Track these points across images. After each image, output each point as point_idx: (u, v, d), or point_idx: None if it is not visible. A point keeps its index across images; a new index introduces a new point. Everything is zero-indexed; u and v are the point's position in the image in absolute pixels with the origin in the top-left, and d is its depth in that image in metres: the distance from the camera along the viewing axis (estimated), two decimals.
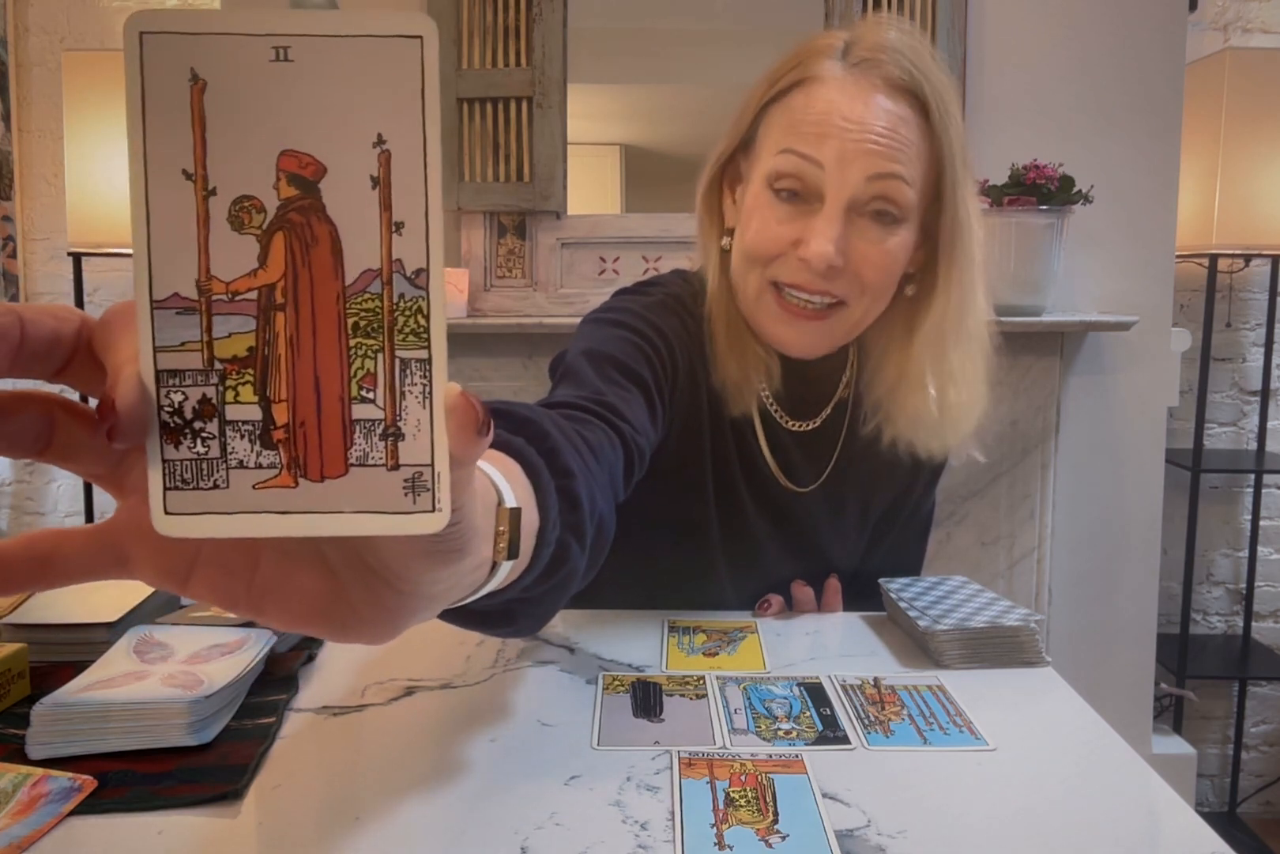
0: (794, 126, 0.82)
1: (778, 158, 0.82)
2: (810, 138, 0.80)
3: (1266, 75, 1.92)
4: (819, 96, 0.81)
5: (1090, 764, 0.64)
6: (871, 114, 0.79)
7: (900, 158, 0.80)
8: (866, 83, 0.80)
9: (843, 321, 0.85)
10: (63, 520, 2.38)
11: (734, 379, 0.88)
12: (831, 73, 0.81)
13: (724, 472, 0.93)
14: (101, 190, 1.95)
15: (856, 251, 0.81)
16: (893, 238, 0.82)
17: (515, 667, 0.79)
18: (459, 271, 1.77)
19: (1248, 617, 2.24)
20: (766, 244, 0.83)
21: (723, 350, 0.89)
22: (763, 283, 0.85)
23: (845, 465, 0.97)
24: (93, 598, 0.85)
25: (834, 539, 1.00)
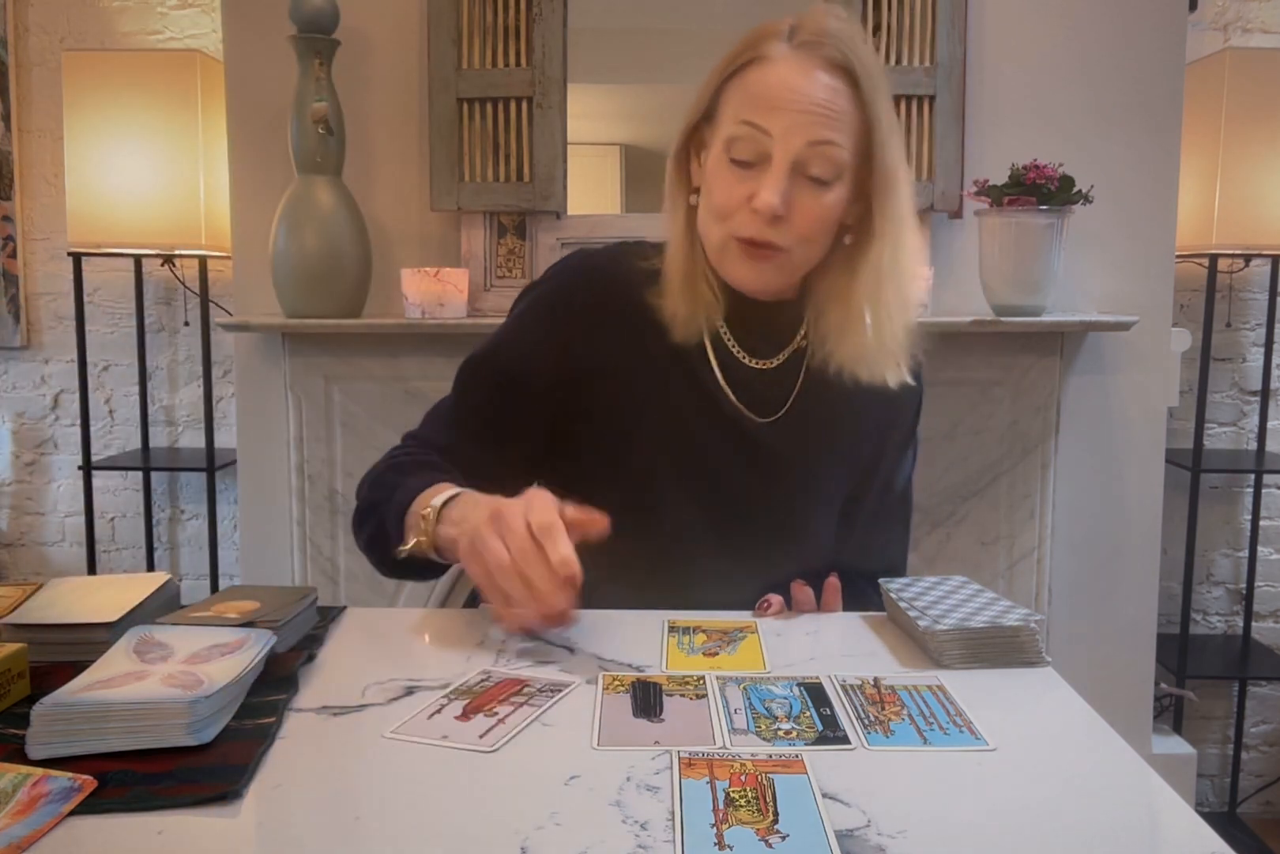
0: (748, 99, 0.96)
1: (736, 126, 0.96)
2: (762, 110, 0.94)
3: (1266, 75, 1.92)
4: (771, 72, 0.95)
5: (1090, 764, 0.64)
6: (812, 88, 0.94)
7: (835, 124, 0.94)
8: (808, 61, 0.95)
9: (787, 265, 1.00)
10: (63, 520, 2.38)
11: (682, 313, 1.02)
12: (780, 52, 0.96)
13: (669, 401, 1.04)
14: (101, 190, 1.95)
15: (796, 205, 0.95)
16: (828, 195, 0.96)
17: (515, 667, 0.79)
18: (459, 271, 1.77)
19: (1248, 617, 2.24)
20: (728, 201, 0.97)
21: (675, 289, 1.03)
22: (726, 235, 0.98)
23: (807, 402, 1.07)
24: (93, 598, 0.85)
25: (803, 484, 1.07)
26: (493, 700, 0.72)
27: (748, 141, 0.95)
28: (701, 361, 1.04)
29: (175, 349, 2.32)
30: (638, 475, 1.04)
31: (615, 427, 1.05)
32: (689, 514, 1.04)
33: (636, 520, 1.01)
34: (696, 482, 1.04)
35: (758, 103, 0.95)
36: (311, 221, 1.75)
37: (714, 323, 1.05)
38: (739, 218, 0.97)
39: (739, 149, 0.96)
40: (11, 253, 2.29)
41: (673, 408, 1.04)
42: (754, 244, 0.97)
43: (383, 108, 1.89)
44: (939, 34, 1.79)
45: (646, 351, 1.04)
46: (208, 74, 1.95)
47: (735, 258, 0.99)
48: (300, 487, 1.89)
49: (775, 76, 0.95)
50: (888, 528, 1.16)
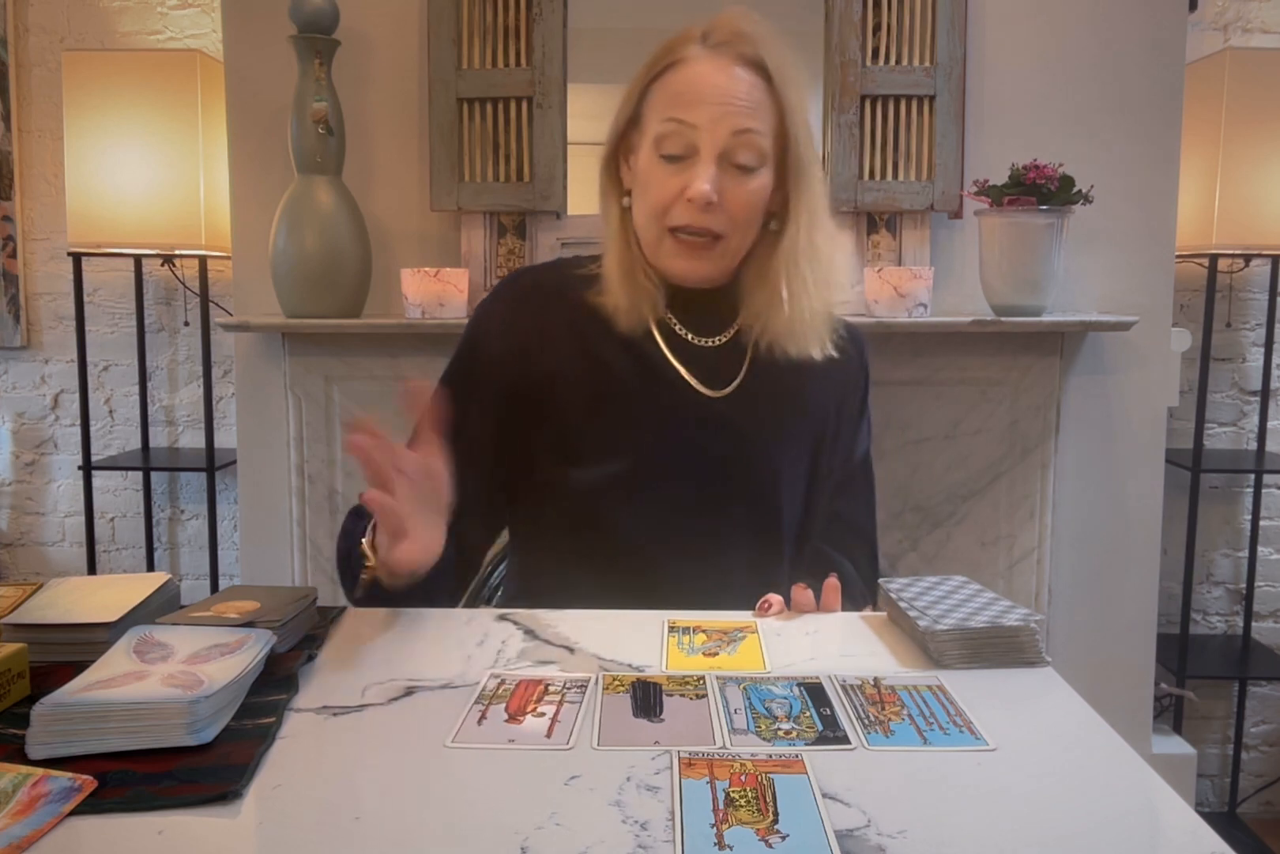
0: (672, 98, 1.03)
1: (661, 125, 1.03)
2: (685, 106, 1.01)
3: (1266, 75, 1.92)
4: (689, 72, 1.03)
5: (1090, 764, 0.64)
6: (729, 82, 1.01)
7: (754, 114, 1.01)
8: (724, 59, 1.02)
9: (723, 252, 1.06)
10: (63, 520, 2.38)
11: (624, 304, 1.08)
12: (695, 54, 1.03)
13: (625, 387, 1.09)
14: (101, 190, 1.95)
15: (727, 193, 1.02)
16: (754, 181, 1.04)
17: (515, 667, 0.79)
18: (459, 271, 1.76)
19: (1248, 617, 2.24)
20: (662, 197, 1.03)
21: (615, 283, 1.08)
22: (661, 230, 1.05)
23: (757, 375, 1.12)
24: (93, 598, 0.85)
25: (765, 452, 1.11)
26: (528, 702, 0.72)
27: (675, 137, 1.02)
28: (651, 346, 1.10)
29: (175, 349, 2.32)
30: (606, 462, 1.08)
31: (573, 423, 1.09)
32: (664, 489, 1.08)
33: (607, 509, 1.08)
34: (665, 458, 1.08)
35: (681, 100, 1.02)
36: (311, 221, 1.75)
37: (658, 310, 1.10)
38: (675, 210, 1.03)
39: (668, 145, 1.02)
40: (11, 253, 2.29)
41: (629, 392, 1.09)
42: (691, 232, 1.03)
43: (383, 108, 1.89)
44: (939, 34, 1.79)
45: (594, 348, 1.10)
46: (208, 74, 1.95)
47: (672, 252, 1.06)
48: (300, 487, 1.89)
49: (695, 75, 1.02)
50: (853, 496, 1.21)
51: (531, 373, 1.09)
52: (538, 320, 1.11)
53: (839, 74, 1.79)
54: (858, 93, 1.79)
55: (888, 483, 1.41)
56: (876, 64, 1.81)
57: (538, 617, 0.92)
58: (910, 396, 1.85)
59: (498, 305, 1.14)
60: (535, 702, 0.72)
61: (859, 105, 1.80)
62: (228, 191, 1.92)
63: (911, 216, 1.83)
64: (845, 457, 1.18)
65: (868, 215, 1.84)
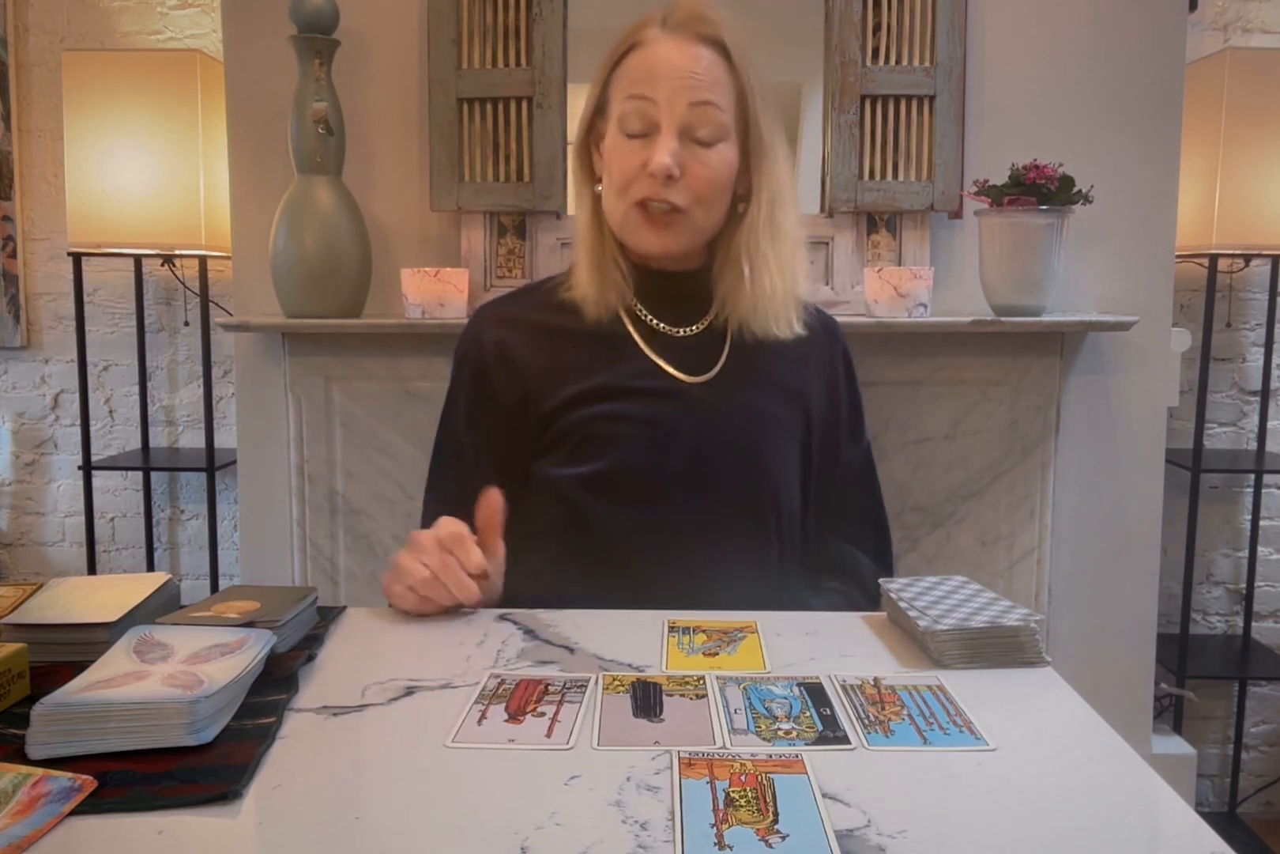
0: (631, 78, 1.06)
1: (624, 103, 1.06)
2: (643, 82, 1.05)
3: (1266, 75, 1.92)
4: (648, 53, 1.06)
5: (1090, 764, 0.64)
6: (686, 59, 1.04)
7: (713, 89, 1.04)
8: (682, 38, 1.05)
9: (687, 226, 1.08)
10: (63, 520, 2.38)
11: (592, 295, 1.12)
12: (653, 36, 1.07)
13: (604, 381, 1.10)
14: (101, 190, 1.95)
15: (688, 168, 1.05)
16: (715, 154, 1.06)
17: (515, 667, 0.79)
18: (459, 271, 1.76)
19: (1248, 617, 2.24)
20: (625, 173, 1.06)
21: (583, 274, 1.12)
22: (627, 205, 1.07)
23: (737, 362, 1.13)
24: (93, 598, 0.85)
25: (753, 437, 1.12)
26: (528, 702, 0.72)
27: (636, 114, 1.05)
28: (623, 337, 1.13)
29: (175, 349, 2.32)
30: (589, 456, 1.10)
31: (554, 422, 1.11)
32: (650, 479, 1.09)
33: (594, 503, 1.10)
34: (648, 447, 1.10)
35: (640, 77, 1.05)
36: (311, 221, 1.74)
37: (626, 300, 1.14)
38: (638, 185, 1.06)
39: (629, 123, 1.06)
40: (11, 253, 2.29)
41: (605, 385, 1.11)
42: (653, 204, 1.06)
43: (383, 108, 1.89)
44: (939, 34, 1.79)
45: (566, 353, 1.13)
46: (208, 74, 1.95)
47: (638, 226, 1.08)
48: (300, 486, 1.89)
49: (654, 54, 1.05)
50: (864, 487, 1.23)
51: (504, 387, 1.13)
52: (499, 346, 1.14)
53: (839, 74, 1.79)
54: (858, 93, 1.79)
55: (888, 483, 1.40)
56: (876, 64, 1.80)
57: (538, 617, 0.92)
58: (910, 396, 1.85)
59: (463, 341, 1.19)
60: (535, 702, 0.72)
61: (859, 105, 1.80)
62: (228, 191, 1.92)
63: (911, 216, 1.83)
64: (846, 445, 1.19)
65: (868, 215, 1.84)
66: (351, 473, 1.87)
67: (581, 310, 1.13)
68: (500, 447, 1.15)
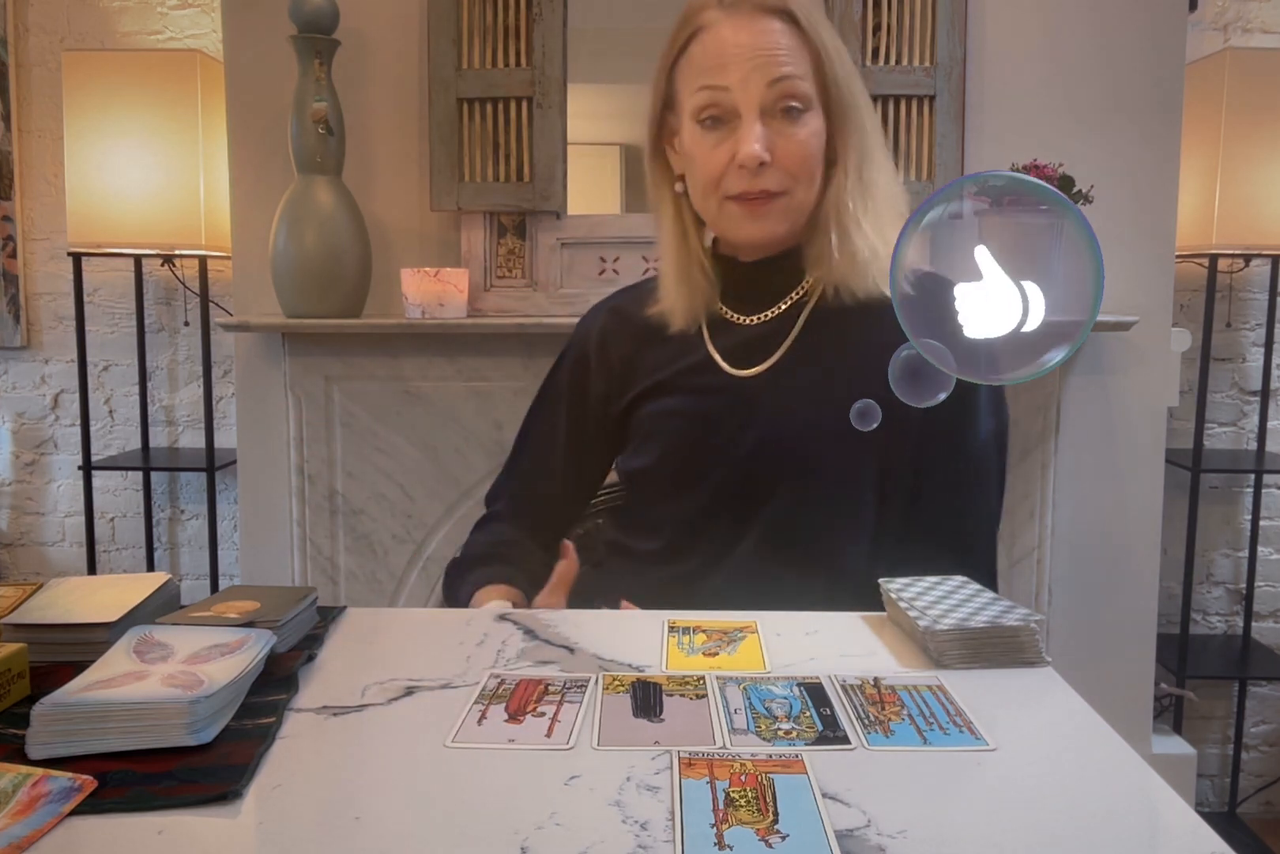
0: (700, 68, 1.01)
1: (696, 96, 1.01)
2: (714, 70, 0.99)
3: (1266, 75, 1.92)
4: (711, 38, 1.00)
5: (1090, 764, 0.64)
6: (753, 36, 0.99)
7: (787, 61, 0.99)
8: (742, 15, 1.00)
9: (787, 207, 1.03)
10: (63, 520, 2.38)
11: (679, 306, 1.09)
12: (713, 18, 1.01)
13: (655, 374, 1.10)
14: (101, 190, 1.95)
15: (778, 150, 0.99)
16: (803, 128, 1.01)
17: (515, 667, 0.79)
18: (459, 271, 1.76)
19: (1248, 617, 2.24)
20: (712, 168, 1.01)
21: (670, 284, 1.09)
22: (720, 200, 1.03)
23: (801, 352, 1.07)
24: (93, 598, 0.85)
25: (800, 432, 1.04)
26: (528, 702, 0.72)
27: (712, 104, 1.00)
28: (695, 332, 1.10)
29: (175, 349, 2.32)
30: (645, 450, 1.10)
31: (617, 416, 1.14)
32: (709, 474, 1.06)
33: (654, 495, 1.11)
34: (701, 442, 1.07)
35: (708, 66, 1.00)
36: (311, 221, 1.75)
37: (712, 304, 1.10)
38: (728, 179, 1.01)
39: (707, 114, 1.01)
40: (11, 253, 2.29)
41: (664, 383, 1.10)
42: (750, 197, 1.00)
43: (383, 108, 1.89)
44: (939, 34, 1.79)
45: (650, 348, 1.12)
46: (208, 74, 1.95)
47: (737, 218, 1.03)
48: (300, 486, 1.89)
49: (717, 39, 1.00)
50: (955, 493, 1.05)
51: (596, 375, 1.16)
52: (604, 331, 1.16)
53: None
54: None
55: None
56: (876, 64, 1.80)
57: (538, 617, 0.92)
58: None
59: (579, 324, 1.21)
60: (535, 702, 0.72)
61: None
62: (228, 191, 1.92)
63: None
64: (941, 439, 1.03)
65: None
66: (351, 473, 1.87)
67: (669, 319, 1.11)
68: (581, 433, 1.17)
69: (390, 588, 1.89)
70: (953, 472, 1.05)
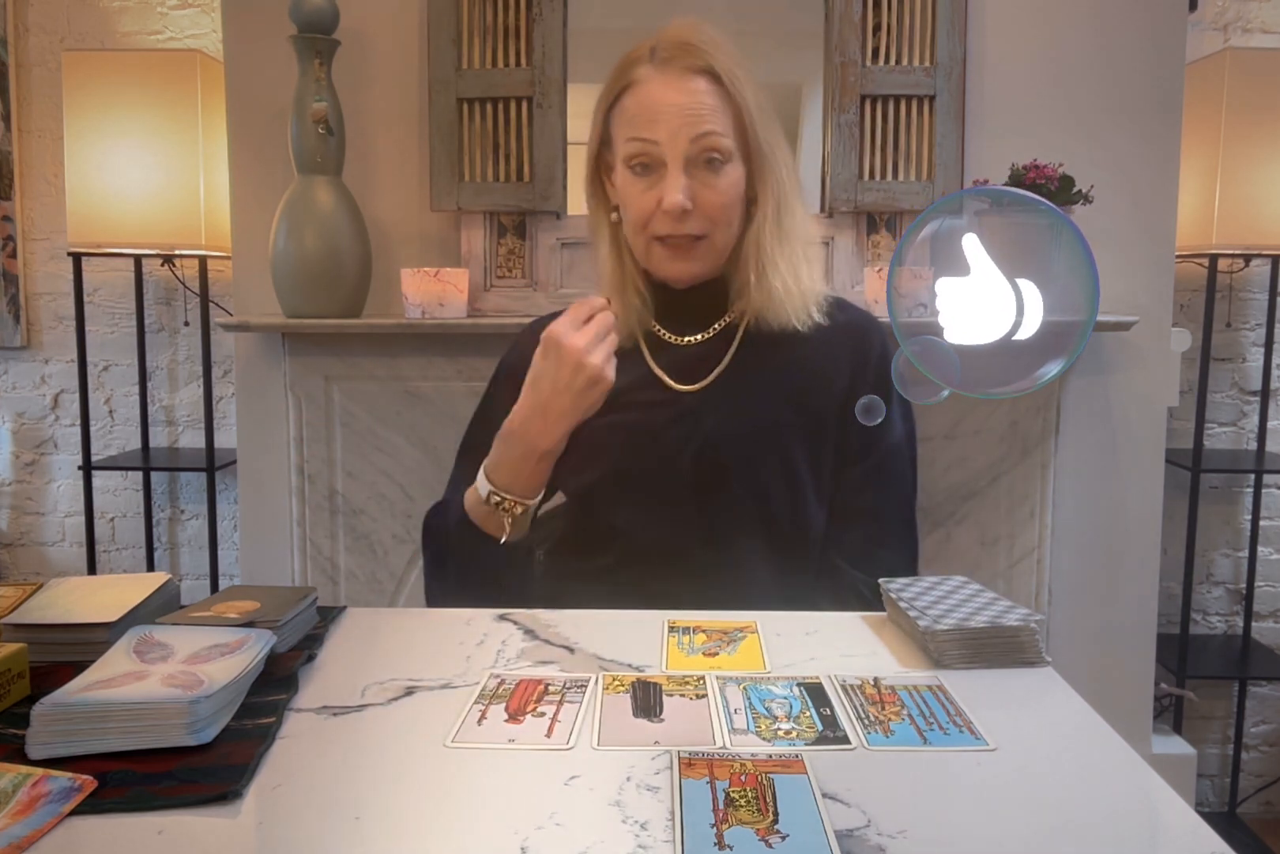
0: (631, 120, 1.09)
1: (627, 145, 1.09)
2: (643, 124, 1.08)
3: (1266, 75, 1.92)
4: (642, 93, 1.09)
5: (1090, 764, 0.64)
6: (680, 95, 1.07)
7: (710, 119, 1.07)
8: (672, 74, 1.08)
9: (709, 249, 1.12)
10: (63, 520, 2.38)
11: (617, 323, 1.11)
12: (645, 75, 1.09)
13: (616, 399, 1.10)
14: (101, 190, 1.95)
15: (700, 198, 1.08)
16: (724, 178, 1.09)
17: (515, 667, 0.79)
18: (459, 271, 1.76)
19: (1248, 617, 2.24)
20: (640, 211, 1.10)
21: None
22: (648, 239, 1.11)
23: (740, 366, 1.15)
24: (93, 598, 0.85)
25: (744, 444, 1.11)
26: (528, 702, 0.72)
27: (642, 154, 1.08)
28: (633, 350, 1.16)
29: (175, 349, 2.32)
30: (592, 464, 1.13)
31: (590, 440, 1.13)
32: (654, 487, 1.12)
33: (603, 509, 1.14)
34: (646, 456, 1.12)
35: (639, 120, 1.08)
36: (311, 221, 1.74)
37: (645, 322, 1.17)
38: (655, 222, 1.09)
39: (636, 160, 1.09)
40: (11, 253, 2.29)
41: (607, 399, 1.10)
42: (674, 240, 1.09)
43: (383, 108, 1.89)
44: (939, 34, 1.79)
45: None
46: (208, 74, 1.95)
47: (662, 257, 1.12)
48: (300, 486, 1.89)
49: (648, 96, 1.08)
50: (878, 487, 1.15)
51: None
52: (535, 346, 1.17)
53: (839, 74, 1.79)
54: (858, 93, 1.79)
55: None
56: (876, 64, 1.80)
57: (538, 617, 0.92)
58: None
59: (509, 351, 1.26)
60: (535, 702, 0.72)
61: (859, 105, 1.80)
62: (228, 191, 1.92)
63: (912, 216, 1.83)
64: (866, 441, 1.15)
65: (868, 215, 1.84)
66: (351, 473, 1.87)
67: None
68: None
69: (390, 588, 1.89)
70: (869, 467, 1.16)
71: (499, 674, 0.78)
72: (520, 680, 0.76)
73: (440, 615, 0.96)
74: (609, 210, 1.17)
